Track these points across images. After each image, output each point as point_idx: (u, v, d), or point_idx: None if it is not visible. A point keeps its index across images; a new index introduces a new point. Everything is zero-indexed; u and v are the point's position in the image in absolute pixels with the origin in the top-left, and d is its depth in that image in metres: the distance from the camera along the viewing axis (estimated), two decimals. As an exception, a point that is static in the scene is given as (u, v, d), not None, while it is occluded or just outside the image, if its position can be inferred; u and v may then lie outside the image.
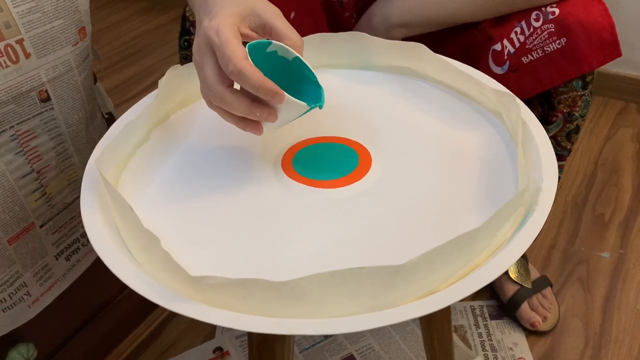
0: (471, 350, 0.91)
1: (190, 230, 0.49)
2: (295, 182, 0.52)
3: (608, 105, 1.50)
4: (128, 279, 0.41)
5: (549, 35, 0.68)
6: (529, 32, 0.69)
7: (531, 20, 0.69)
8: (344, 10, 0.80)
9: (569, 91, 0.72)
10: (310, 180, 0.53)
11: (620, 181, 1.25)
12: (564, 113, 0.74)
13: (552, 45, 0.68)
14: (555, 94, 0.73)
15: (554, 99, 0.73)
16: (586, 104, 0.74)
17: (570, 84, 0.71)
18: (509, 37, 0.71)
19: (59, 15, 0.63)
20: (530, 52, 0.69)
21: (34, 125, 0.65)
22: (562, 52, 0.68)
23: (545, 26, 0.68)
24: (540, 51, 0.69)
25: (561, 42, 0.67)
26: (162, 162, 0.57)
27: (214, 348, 0.92)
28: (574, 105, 0.73)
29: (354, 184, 0.52)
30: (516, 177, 0.51)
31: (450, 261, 0.40)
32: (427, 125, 0.59)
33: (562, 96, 0.73)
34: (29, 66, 0.62)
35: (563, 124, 0.75)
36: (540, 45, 0.69)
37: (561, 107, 0.74)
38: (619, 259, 1.06)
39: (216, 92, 0.47)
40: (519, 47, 0.71)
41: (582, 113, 0.75)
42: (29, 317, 0.72)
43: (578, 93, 0.72)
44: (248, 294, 0.38)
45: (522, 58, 0.70)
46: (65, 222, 0.74)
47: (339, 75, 0.67)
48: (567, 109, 0.74)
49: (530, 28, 0.69)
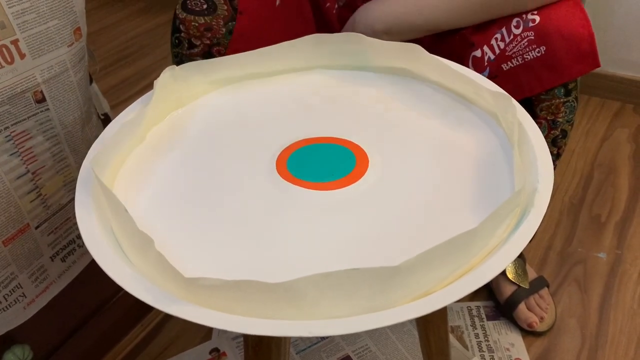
0: (468, 351, 0.91)
1: (185, 231, 0.49)
2: (291, 185, 0.52)
3: (605, 106, 1.51)
4: (122, 281, 0.41)
5: (529, 42, 0.67)
6: (509, 39, 0.69)
7: (511, 27, 0.69)
8: (324, 0, 0.80)
9: (550, 99, 0.72)
10: (307, 182, 0.52)
11: (617, 182, 1.25)
12: (548, 120, 0.73)
13: (532, 54, 0.67)
14: (537, 102, 0.72)
15: (535, 106, 0.73)
16: (571, 110, 0.73)
17: (551, 91, 0.71)
18: (489, 44, 0.71)
19: (54, 16, 0.63)
20: (510, 60, 0.69)
21: (29, 126, 0.65)
22: (542, 60, 0.67)
23: (525, 34, 0.68)
24: (520, 59, 0.68)
25: (540, 50, 0.67)
26: (158, 163, 0.56)
27: (210, 349, 0.92)
28: (557, 112, 0.73)
29: (351, 186, 0.52)
30: (512, 178, 0.51)
31: (446, 262, 0.40)
32: (424, 126, 0.59)
33: (544, 104, 0.72)
34: (24, 67, 0.61)
35: (548, 131, 0.75)
36: (520, 53, 0.68)
37: (543, 114, 0.73)
38: (616, 259, 1.06)
39: None
40: (499, 54, 0.70)
41: (568, 118, 0.74)
42: (24, 318, 0.72)
43: (560, 100, 0.72)
44: (243, 296, 0.38)
45: (502, 65, 0.70)
46: (60, 223, 0.74)
47: (335, 76, 0.67)
48: (551, 117, 0.73)
49: (511, 35, 0.69)
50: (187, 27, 0.73)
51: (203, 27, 0.73)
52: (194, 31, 0.73)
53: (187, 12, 0.74)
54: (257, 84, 0.66)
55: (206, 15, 0.74)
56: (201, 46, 0.74)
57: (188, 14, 0.74)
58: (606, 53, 1.48)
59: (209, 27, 0.74)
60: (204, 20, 0.73)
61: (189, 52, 0.75)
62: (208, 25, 0.73)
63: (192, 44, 0.74)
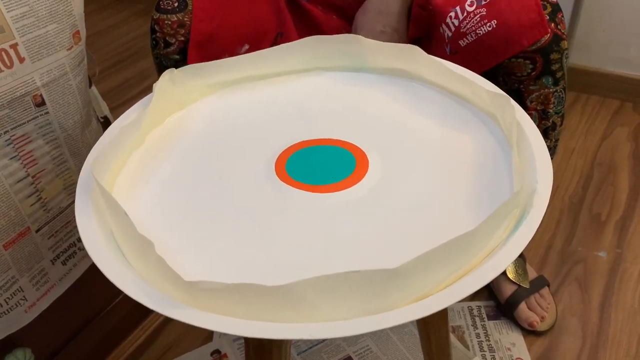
0: (469, 350, 0.91)
1: (185, 235, 0.49)
2: (291, 187, 0.52)
3: (604, 104, 1.51)
4: (123, 285, 0.41)
5: (481, 18, 0.70)
6: (462, 16, 0.71)
7: (465, 6, 0.71)
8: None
9: (539, 89, 0.73)
10: (306, 185, 0.52)
11: (617, 181, 1.25)
12: (538, 110, 0.75)
13: (484, 28, 0.70)
14: (527, 93, 0.74)
15: (525, 98, 0.74)
16: (560, 100, 0.75)
17: (539, 81, 0.73)
18: (445, 22, 0.73)
19: (53, 20, 0.63)
20: (465, 36, 0.71)
21: (29, 130, 0.65)
22: (493, 34, 0.70)
23: (478, 10, 0.70)
24: (474, 34, 0.71)
25: (492, 24, 0.69)
26: (157, 166, 0.56)
27: (211, 351, 0.92)
28: (547, 102, 0.75)
29: (350, 189, 0.52)
30: (511, 179, 0.51)
31: (445, 264, 0.40)
32: (422, 127, 0.59)
33: (534, 94, 0.74)
34: (23, 70, 0.61)
35: (538, 121, 0.76)
36: (474, 29, 0.71)
37: (534, 105, 0.75)
38: (616, 258, 1.06)
39: None
40: (455, 31, 0.72)
41: (557, 109, 0.76)
42: (25, 321, 0.72)
43: (550, 90, 0.73)
44: (242, 299, 0.38)
45: (459, 42, 0.72)
46: (61, 226, 0.74)
47: (333, 78, 0.67)
48: (541, 107, 0.75)
49: (464, 12, 0.71)
50: (162, 27, 0.75)
51: (176, 24, 0.74)
52: (168, 29, 0.74)
53: (161, 12, 0.75)
54: (255, 87, 0.66)
55: (178, 12, 0.75)
56: (176, 43, 0.75)
57: (161, 14, 0.75)
58: (605, 51, 1.48)
59: (182, 23, 0.75)
60: (177, 18, 0.74)
61: (165, 52, 0.76)
62: (180, 21, 0.74)
63: (167, 43, 0.75)
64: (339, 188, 0.52)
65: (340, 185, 0.52)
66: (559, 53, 0.71)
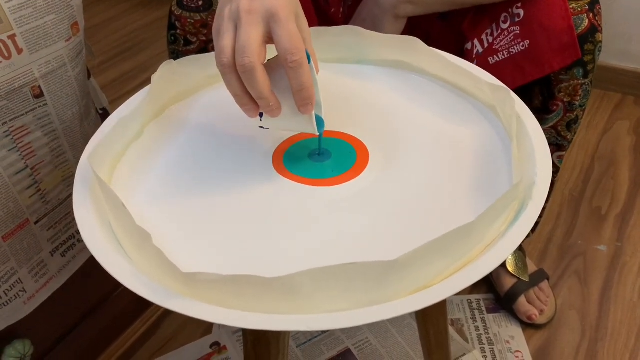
0: (468, 343, 0.91)
1: (183, 226, 0.49)
2: (289, 181, 0.52)
3: (605, 98, 1.50)
4: (121, 277, 0.41)
5: (515, 37, 0.69)
6: (497, 34, 0.71)
7: (500, 22, 0.71)
8: (329, 6, 0.80)
9: (569, 79, 0.73)
10: (304, 178, 0.52)
11: (617, 174, 1.25)
12: (565, 102, 0.74)
13: (517, 47, 0.69)
14: (556, 82, 0.73)
15: (554, 87, 0.73)
16: (586, 93, 0.75)
17: (570, 71, 0.72)
18: (479, 38, 0.73)
19: (51, 11, 0.63)
20: (496, 53, 0.71)
21: (28, 121, 0.65)
22: (525, 53, 0.69)
23: (512, 28, 0.70)
24: (506, 52, 0.70)
25: (525, 44, 0.69)
26: (156, 157, 0.56)
27: (211, 343, 0.92)
28: (575, 94, 0.74)
29: (349, 182, 0.52)
30: (510, 171, 0.51)
31: (443, 256, 0.40)
32: (422, 119, 0.59)
33: (563, 84, 0.73)
34: (21, 62, 0.61)
35: (564, 114, 0.76)
36: (507, 47, 0.70)
37: (561, 96, 0.74)
38: (616, 252, 1.06)
39: (254, 57, 0.45)
40: (487, 48, 0.72)
41: (582, 103, 0.75)
42: (24, 313, 0.72)
43: (579, 82, 0.72)
44: (240, 290, 0.38)
45: (489, 58, 0.72)
46: (60, 218, 0.74)
47: (333, 70, 0.66)
48: (568, 98, 0.74)
49: (499, 29, 0.71)
50: (183, 24, 0.73)
51: (199, 23, 0.73)
52: (190, 28, 0.73)
53: (183, 9, 0.73)
54: (255, 78, 0.66)
55: (202, 11, 0.73)
56: (197, 43, 0.74)
57: (184, 11, 0.73)
58: (607, 45, 1.46)
59: (205, 23, 0.73)
60: (200, 17, 0.73)
61: (185, 49, 0.75)
62: (204, 21, 0.73)
63: (188, 41, 0.74)
64: (339, 181, 0.52)
65: (340, 179, 0.52)
66: (593, 44, 0.70)
